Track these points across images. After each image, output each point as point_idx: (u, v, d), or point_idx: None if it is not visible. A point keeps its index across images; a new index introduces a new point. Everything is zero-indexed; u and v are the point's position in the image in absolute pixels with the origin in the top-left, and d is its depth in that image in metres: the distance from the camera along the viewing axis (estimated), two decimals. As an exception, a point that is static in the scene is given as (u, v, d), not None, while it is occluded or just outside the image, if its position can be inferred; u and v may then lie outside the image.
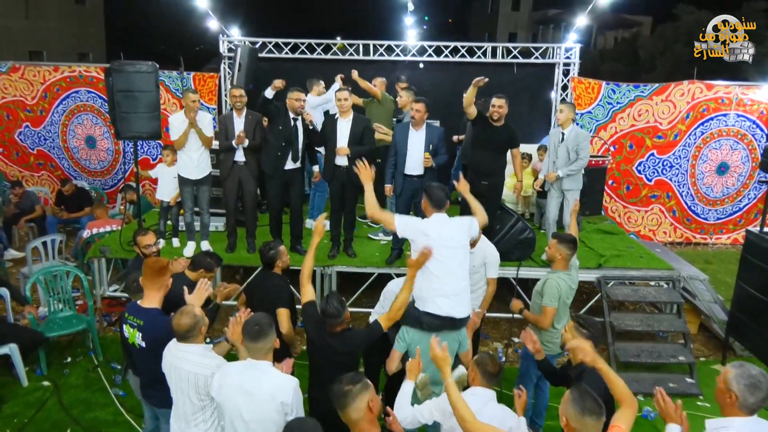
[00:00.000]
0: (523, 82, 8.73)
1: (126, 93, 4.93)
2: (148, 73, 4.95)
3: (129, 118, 4.97)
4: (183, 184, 5.51)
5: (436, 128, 5.39)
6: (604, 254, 6.00)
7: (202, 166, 5.49)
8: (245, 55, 7.41)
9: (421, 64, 8.67)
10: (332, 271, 5.66)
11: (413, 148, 5.26)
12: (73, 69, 8.85)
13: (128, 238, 5.93)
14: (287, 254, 3.97)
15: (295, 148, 5.34)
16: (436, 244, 3.29)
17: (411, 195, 5.43)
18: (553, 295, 3.72)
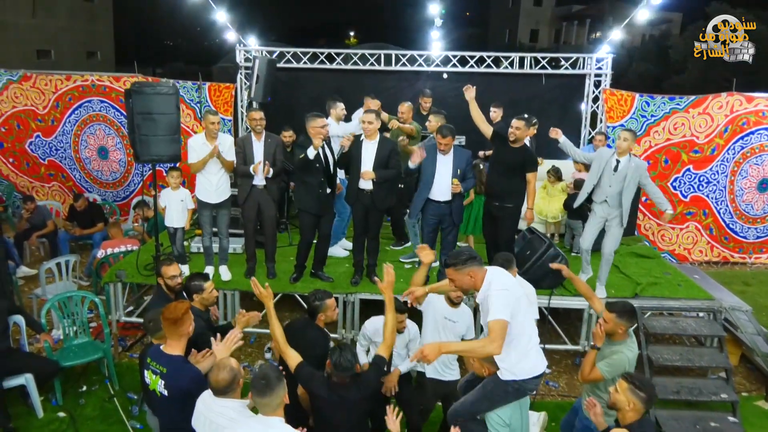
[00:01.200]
0: (551, 94, 8.68)
1: (145, 115, 4.97)
2: (168, 94, 4.99)
3: (148, 140, 5.01)
4: (202, 207, 5.54)
5: (464, 152, 5.37)
6: (640, 282, 5.93)
7: (221, 189, 5.52)
8: (263, 66, 7.44)
9: (445, 74, 8.65)
10: (355, 299, 5.65)
11: (441, 173, 5.26)
12: (86, 78, 8.95)
13: (145, 261, 5.98)
14: (335, 309, 3.94)
15: (333, 178, 5.39)
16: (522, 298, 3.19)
17: (437, 220, 5.41)
18: (617, 370, 3.58)
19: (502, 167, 5.36)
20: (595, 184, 5.42)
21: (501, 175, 5.37)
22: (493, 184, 5.46)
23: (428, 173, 5.30)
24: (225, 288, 5.68)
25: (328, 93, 8.68)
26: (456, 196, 5.32)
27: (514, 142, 5.30)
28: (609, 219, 5.41)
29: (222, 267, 5.78)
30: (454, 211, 5.36)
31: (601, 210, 5.41)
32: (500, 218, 5.47)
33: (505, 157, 5.34)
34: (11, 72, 9.09)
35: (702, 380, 5.36)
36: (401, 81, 8.67)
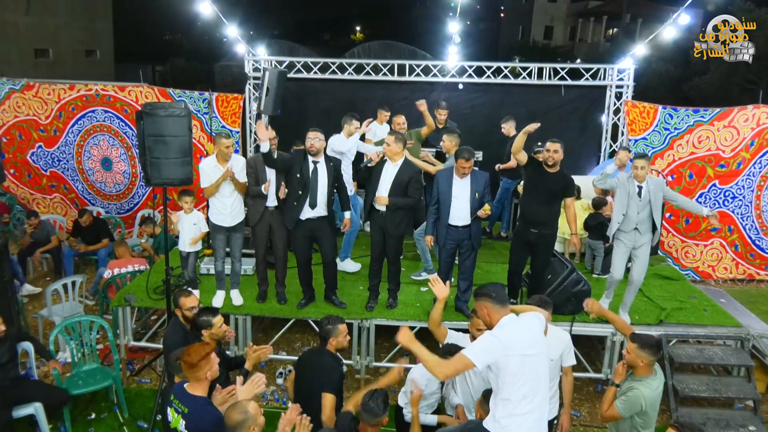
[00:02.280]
0: (571, 105, 8.73)
1: (157, 138, 5.02)
2: (180, 117, 5.03)
3: (160, 164, 5.06)
4: (216, 231, 5.62)
5: (482, 175, 5.41)
6: (665, 307, 5.96)
7: (236, 212, 5.60)
8: (273, 79, 7.43)
9: (461, 85, 8.71)
10: (370, 324, 5.71)
11: (458, 198, 5.30)
12: (90, 87, 9.05)
13: (155, 284, 6.06)
14: (347, 336, 4.02)
15: (312, 195, 5.38)
16: (518, 357, 3.05)
17: (455, 245, 5.46)
18: (632, 408, 3.62)
19: (541, 194, 5.37)
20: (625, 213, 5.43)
21: (541, 203, 5.38)
22: (531, 211, 5.45)
23: (445, 198, 5.35)
24: (236, 313, 5.76)
25: (339, 104, 8.81)
26: (474, 220, 5.37)
27: (552, 166, 5.32)
28: (637, 246, 5.44)
29: (233, 291, 5.85)
30: (473, 236, 5.41)
31: (629, 238, 5.44)
32: (538, 245, 5.51)
33: (544, 183, 5.35)
34: (14, 81, 9.21)
35: (729, 411, 5.39)
36: (415, 91, 8.72)
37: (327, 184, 5.44)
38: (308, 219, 5.43)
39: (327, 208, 5.51)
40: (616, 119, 8.76)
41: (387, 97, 8.63)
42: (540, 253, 5.57)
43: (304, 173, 5.37)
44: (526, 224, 5.51)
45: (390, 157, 5.41)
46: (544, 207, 5.41)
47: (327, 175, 5.44)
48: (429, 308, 5.76)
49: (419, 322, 5.69)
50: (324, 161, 5.46)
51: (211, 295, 5.88)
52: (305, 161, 5.39)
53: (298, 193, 5.37)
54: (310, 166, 5.39)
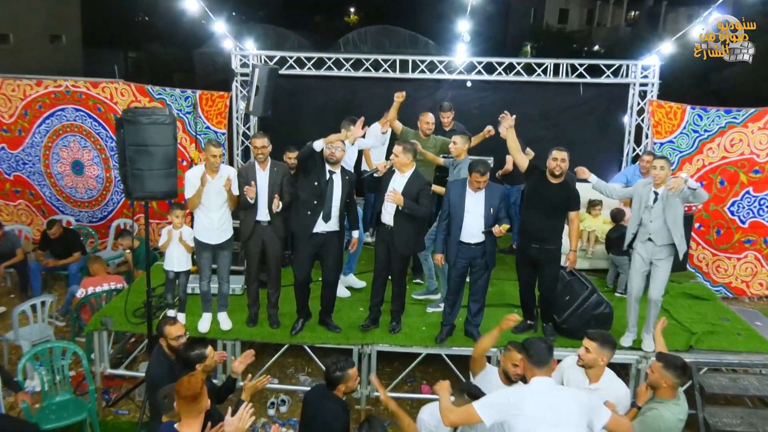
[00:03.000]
0: (590, 105, 8.80)
1: (139, 147, 5.07)
2: (165, 124, 5.08)
3: (142, 175, 5.11)
4: (201, 248, 5.66)
5: (497, 188, 5.49)
6: (695, 331, 6.03)
7: (223, 228, 5.65)
8: (264, 77, 7.52)
9: (469, 82, 8.79)
10: (371, 350, 5.77)
11: (471, 213, 5.37)
12: (59, 83, 9.08)
13: (135, 306, 6.11)
14: (356, 379, 4.08)
15: (327, 206, 5.47)
16: (533, 424, 3.10)
17: (467, 264, 5.53)
18: (649, 429, 3.72)
19: (543, 206, 5.45)
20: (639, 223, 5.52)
21: (542, 215, 5.46)
22: (532, 224, 5.54)
23: (457, 212, 5.41)
24: (225, 338, 5.81)
25: (335, 103, 8.87)
26: (488, 236, 5.44)
27: (558, 176, 5.39)
28: (654, 259, 5.50)
29: (221, 314, 5.90)
30: (487, 254, 5.47)
31: (644, 250, 5.51)
32: (541, 262, 5.58)
33: (546, 195, 5.43)
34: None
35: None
36: (419, 89, 8.78)
37: (341, 197, 5.53)
38: (318, 233, 5.50)
39: (339, 223, 5.59)
40: (639, 120, 8.84)
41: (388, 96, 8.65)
42: (545, 270, 5.63)
43: (321, 181, 5.44)
44: (527, 239, 5.61)
45: (398, 169, 5.48)
46: (546, 221, 5.49)
47: (342, 188, 5.53)
48: (436, 332, 5.84)
49: (425, 348, 5.76)
50: (340, 173, 5.54)
51: (196, 318, 5.94)
52: (323, 169, 5.46)
53: (312, 203, 5.45)
54: (326, 175, 5.47)
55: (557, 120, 8.76)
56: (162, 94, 8.84)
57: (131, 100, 8.93)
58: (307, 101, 8.99)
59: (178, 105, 8.85)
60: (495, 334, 4.25)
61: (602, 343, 3.99)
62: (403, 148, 5.46)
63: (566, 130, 8.72)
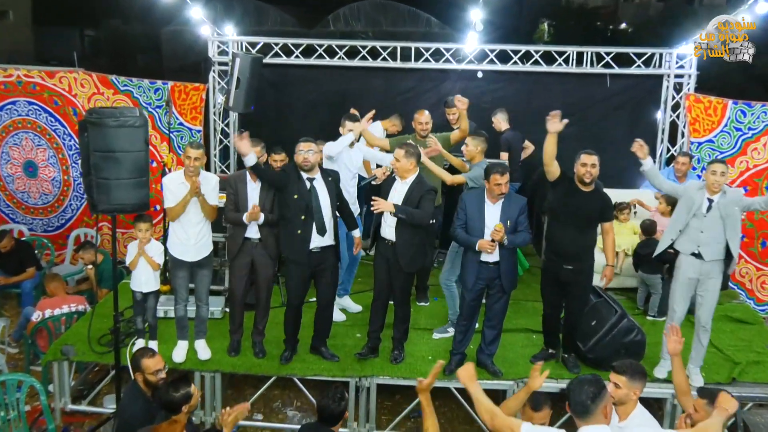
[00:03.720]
0: (618, 99, 8.88)
1: (105, 153, 5.09)
2: (135, 127, 5.11)
3: (108, 186, 5.13)
4: (177, 267, 5.71)
5: (518, 198, 5.54)
6: (738, 360, 6.09)
7: (201, 243, 5.69)
8: (246, 68, 7.54)
9: (480, 72, 8.85)
10: (370, 383, 5.82)
11: (491, 227, 5.39)
12: (9, 73, 9.07)
13: (100, 332, 6.14)
14: None
15: (318, 218, 5.52)
16: None
17: (484, 286, 5.59)
18: None
19: (575, 219, 5.47)
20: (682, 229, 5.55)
21: (574, 229, 5.48)
22: (562, 240, 5.56)
23: (476, 228, 5.44)
24: (203, 369, 5.86)
25: (328, 96, 8.93)
26: (506, 254, 5.47)
27: (588, 184, 5.44)
28: (703, 278, 5.54)
29: (199, 342, 5.95)
30: (504, 274, 5.52)
31: (691, 266, 5.54)
32: (572, 284, 5.61)
33: (577, 206, 5.46)
34: None
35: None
36: (423, 81, 8.85)
37: (330, 204, 5.60)
38: (313, 251, 5.58)
39: (334, 236, 5.67)
40: (674, 116, 8.90)
41: (388, 88, 8.74)
42: (575, 293, 5.69)
43: (302, 193, 5.50)
44: (557, 258, 5.62)
45: (400, 175, 5.53)
46: (579, 235, 5.52)
47: (328, 193, 5.59)
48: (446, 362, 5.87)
49: (432, 381, 5.79)
50: (321, 177, 5.61)
51: (169, 346, 5.98)
52: (299, 179, 5.53)
53: (300, 219, 5.50)
54: (306, 185, 5.52)
55: (581, 116, 8.78)
56: (128, 86, 8.87)
57: (93, 92, 8.95)
58: (296, 95, 9.06)
59: (146, 98, 8.89)
60: (522, 397, 4.17)
61: (632, 375, 4.01)
62: (405, 151, 5.50)
63: (591, 127, 8.78)
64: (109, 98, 8.86)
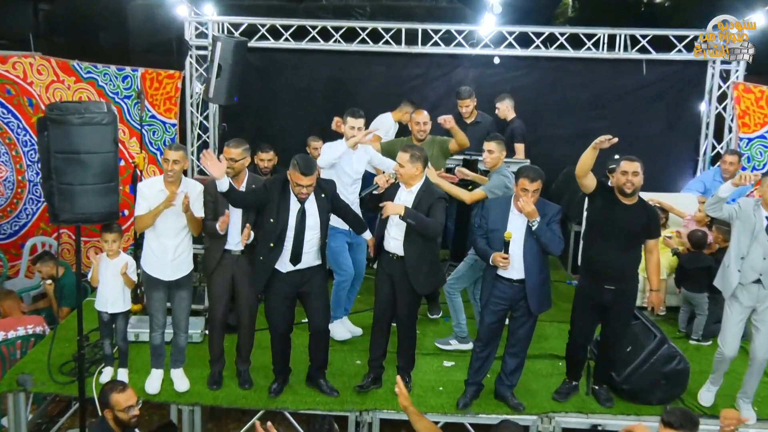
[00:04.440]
0: (656, 88, 8.89)
1: (68, 155, 5.08)
2: (102, 124, 5.09)
3: (72, 192, 5.11)
4: (151, 287, 5.68)
5: (550, 206, 5.47)
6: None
7: (180, 260, 5.66)
8: (228, 53, 7.55)
9: (497, 58, 8.85)
10: (373, 418, 5.80)
11: (515, 239, 5.34)
12: (-47, 57, 9.05)
13: (62, 358, 6.14)
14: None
15: (297, 245, 5.48)
16: None
17: (506, 307, 5.55)
18: None
19: (616, 235, 5.44)
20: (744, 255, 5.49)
21: (616, 247, 5.45)
22: (603, 259, 5.52)
23: (498, 239, 5.39)
24: (181, 402, 5.83)
25: (322, 85, 8.94)
26: (535, 269, 5.41)
27: (630, 195, 5.40)
28: (760, 307, 5.52)
29: (176, 371, 5.93)
30: (531, 294, 5.46)
31: (747, 294, 5.52)
32: (614, 308, 5.60)
33: (619, 220, 5.43)
34: None
35: None
36: (431, 68, 8.88)
37: (319, 225, 5.55)
38: (291, 272, 5.56)
39: (320, 255, 5.63)
40: (720, 108, 8.91)
41: (391, 76, 8.72)
42: (616, 317, 5.66)
43: (280, 219, 5.44)
44: (597, 279, 5.58)
45: (405, 182, 5.52)
46: (622, 253, 5.49)
47: (319, 217, 5.54)
48: (457, 394, 5.89)
49: (443, 416, 5.78)
50: (314, 198, 5.52)
51: (142, 375, 5.97)
52: (284, 196, 5.46)
53: (268, 246, 5.48)
54: (291, 207, 5.45)
55: (613, 108, 8.86)
56: (92, 73, 8.84)
57: (51, 79, 8.92)
58: (285, 83, 9.09)
59: (113, 87, 8.87)
60: None
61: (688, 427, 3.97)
62: (410, 155, 5.46)
63: (624, 121, 8.82)
64: (70, 87, 8.85)
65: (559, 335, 6.71)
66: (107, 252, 5.81)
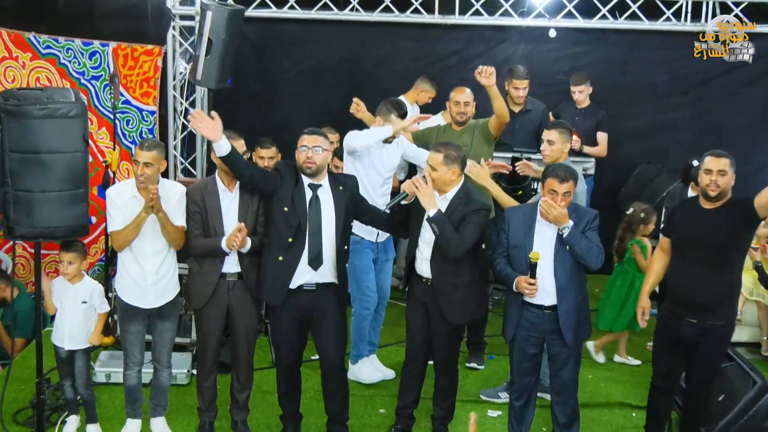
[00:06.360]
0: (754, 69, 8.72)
1: (27, 155, 5.08)
2: (69, 117, 5.09)
3: (31, 201, 5.12)
4: (127, 318, 5.66)
5: (587, 211, 5.43)
6: None
7: (164, 283, 5.62)
8: (220, 24, 7.49)
9: (553, 31, 8.79)
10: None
11: (542, 254, 5.24)
12: None
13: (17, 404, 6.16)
14: None
15: (315, 241, 5.46)
16: None
17: (539, 341, 5.49)
18: None
19: (701, 249, 5.38)
20: None
21: (701, 265, 5.37)
22: (683, 282, 5.47)
23: (521, 256, 5.33)
24: (164, 459, 5.84)
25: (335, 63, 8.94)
26: (570, 289, 5.32)
27: (715, 198, 5.31)
28: None
29: (156, 421, 5.91)
30: (566, 321, 5.35)
31: None
32: (700, 345, 5.49)
33: (702, 230, 5.37)
34: None
35: None
36: (471, 43, 8.86)
37: (335, 225, 5.51)
38: (303, 288, 5.51)
39: (336, 269, 5.58)
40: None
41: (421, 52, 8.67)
42: (702, 359, 5.54)
43: (297, 206, 5.43)
44: (678, 307, 5.52)
45: (437, 188, 5.44)
46: (709, 274, 5.38)
47: (335, 210, 5.51)
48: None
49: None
50: (329, 184, 5.54)
51: (115, 425, 5.97)
52: (297, 185, 5.46)
53: (287, 241, 5.42)
54: (306, 194, 5.46)
55: (697, 94, 8.82)
56: (53, 48, 8.79)
57: (2, 56, 8.89)
58: (290, 62, 9.08)
59: (78, 65, 8.84)
60: None
61: None
62: (444, 156, 5.39)
63: (712, 109, 8.82)
64: (25, 65, 8.80)
65: (631, 378, 6.74)
66: (65, 274, 5.74)
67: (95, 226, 8.01)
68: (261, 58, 9.05)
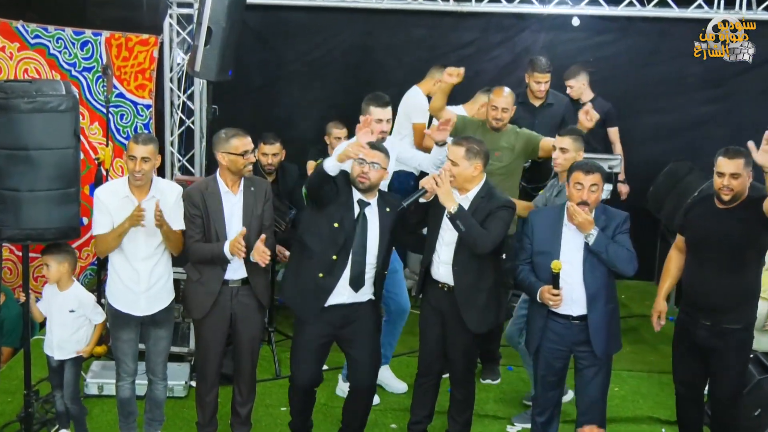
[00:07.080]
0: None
1: (14, 152, 5.09)
2: (59, 111, 5.10)
3: (19, 201, 5.14)
4: (119, 326, 5.65)
5: (616, 213, 5.38)
6: None
7: (158, 288, 5.61)
8: (220, 12, 7.52)
9: (576, 19, 8.76)
10: None
11: (570, 261, 5.23)
12: None
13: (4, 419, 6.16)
14: None
15: (357, 263, 5.43)
16: None
17: (565, 354, 5.48)
18: None
19: (715, 251, 5.36)
20: None
21: (716, 268, 5.36)
22: (698, 285, 5.47)
23: (544, 263, 5.27)
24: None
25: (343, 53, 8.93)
26: (600, 297, 5.27)
27: (731, 200, 5.28)
28: None
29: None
30: (596, 333, 5.32)
31: None
32: (716, 351, 5.48)
33: (714, 229, 5.38)
34: None
35: None
36: (488, 32, 8.85)
37: (378, 245, 5.50)
38: (337, 305, 5.51)
39: (375, 287, 5.60)
40: None
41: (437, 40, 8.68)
42: (723, 365, 5.51)
43: (347, 222, 5.40)
44: (692, 309, 5.55)
45: (458, 186, 5.42)
46: (724, 275, 5.38)
47: (380, 230, 5.50)
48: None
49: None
50: (377, 204, 5.51)
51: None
52: (348, 199, 5.43)
53: (330, 259, 5.40)
54: (354, 210, 5.43)
55: (729, 88, 8.84)
56: (42, 38, 8.81)
57: (-12, 47, 8.97)
58: (296, 52, 9.09)
59: (69, 56, 8.86)
60: None
61: None
62: (466, 149, 5.36)
63: (747, 103, 8.80)
64: (12, 56, 8.82)
65: (661, 391, 6.75)
66: (52, 280, 5.74)
67: (87, 227, 7.99)
68: (264, 48, 9.07)
